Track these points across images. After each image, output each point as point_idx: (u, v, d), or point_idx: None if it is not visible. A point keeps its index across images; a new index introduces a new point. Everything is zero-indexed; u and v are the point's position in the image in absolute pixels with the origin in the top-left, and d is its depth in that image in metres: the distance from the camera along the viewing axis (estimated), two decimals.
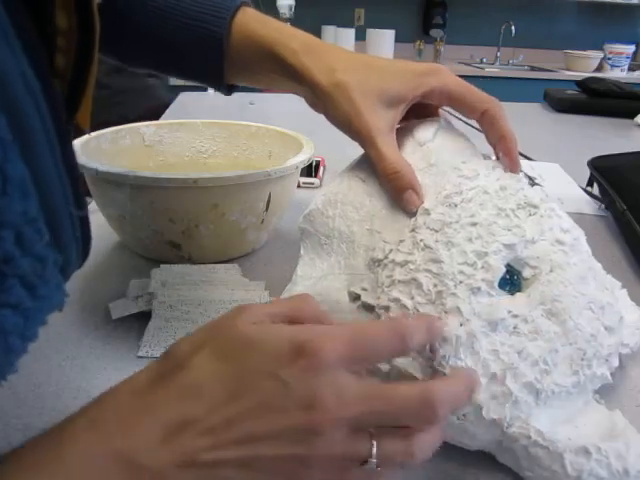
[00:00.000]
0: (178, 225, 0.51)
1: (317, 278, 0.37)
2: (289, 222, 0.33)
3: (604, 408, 0.34)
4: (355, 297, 0.35)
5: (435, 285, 0.32)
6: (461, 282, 0.31)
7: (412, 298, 0.32)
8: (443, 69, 0.37)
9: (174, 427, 0.23)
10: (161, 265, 0.49)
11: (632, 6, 3.34)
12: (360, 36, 2.97)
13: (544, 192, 0.37)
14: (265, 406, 0.23)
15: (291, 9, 2.83)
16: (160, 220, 0.51)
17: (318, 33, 3.09)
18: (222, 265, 0.52)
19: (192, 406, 0.23)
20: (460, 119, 0.44)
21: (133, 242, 0.56)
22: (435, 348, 0.30)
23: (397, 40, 3.00)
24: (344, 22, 3.03)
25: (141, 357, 0.41)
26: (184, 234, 0.52)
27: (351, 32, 2.88)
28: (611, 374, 0.35)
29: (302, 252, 0.40)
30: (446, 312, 0.31)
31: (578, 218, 0.41)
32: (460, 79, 0.37)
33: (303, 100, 0.42)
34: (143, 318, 0.45)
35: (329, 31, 3.03)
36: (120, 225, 0.56)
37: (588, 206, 0.78)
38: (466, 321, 0.31)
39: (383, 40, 2.99)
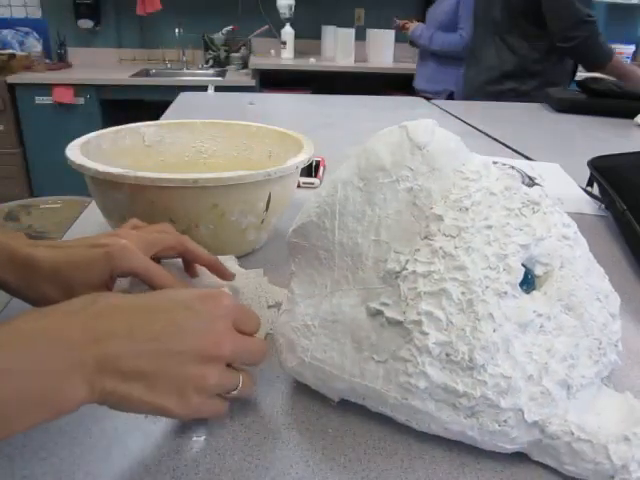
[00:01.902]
0: (178, 225, 0.51)
1: (322, 296, 0.36)
2: (289, 222, 0.33)
3: (614, 391, 0.35)
4: (376, 313, 0.33)
5: (463, 293, 0.31)
6: (487, 287, 0.31)
7: (443, 309, 0.31)
8: (126, 250, 0.40)
9: (104, 334, 0.28)
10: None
11: (632, 6, 3.34)
12: (360, 36, 2.97)
13: (543, 190, 0.37)
14: (181, 327, 0.30)
15: (291, 9, 2.83)
16: (160, 220, 0.51)
17: (318, 33, 3.09)
18: (220, 257, 0.52)
19: (120, 320, 0.29)
20: (458, 118, 0.44)
21: None
22: (474, 358, 0.30)
23: (397, 40, 3.00)
24: (344, 22, 3.03)
25: None
26: (184, 234, 0.52)
27: (351, 32, 2.88)
28: None
29: (294, 268, 0.38)
30: (479, 320, 0.30)
31: (578, 218, 0.41)
32: (143, 259, 0.40)
33: (303, 100, 0.42)
34: None
35: (329, 31, 3.03)
36: (120, 225, 0.56)
37: (588, 206, 0.78)
38: (499, 326, 0.31)
39: (383, 40, 2.99)
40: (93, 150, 0.57)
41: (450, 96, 2.37)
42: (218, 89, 1.65)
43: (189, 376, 0.29)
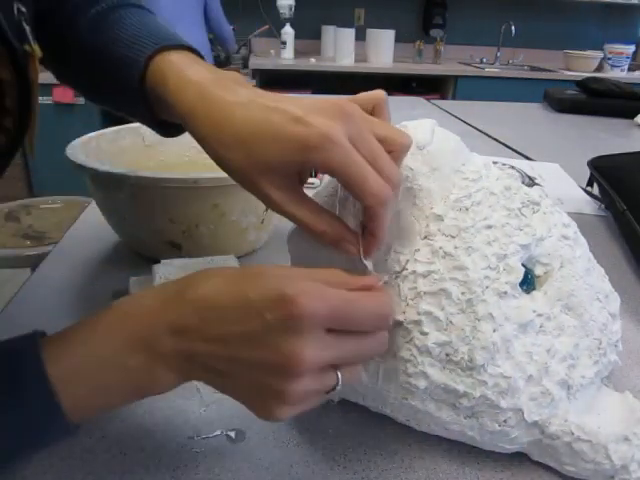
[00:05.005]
0: (178, 225, 0.51)
1: None
2: (289, 222, 0.33)
3: (614, 391, 0.35)
4: None
5: (463, 293, 0.31)
6: (487, 287, 0.31)
7: (443, 309, 0.31)
8: (331, 141, 0.29)
9: (181, 328, 0.28)
10: (162, 261, 0.49)
11: (632, 6, 3.34)
12: (360, 36, 2.96)
13: (543, 191, 0.37)
14: (249, 336, 0.27)
15: (291, 9, 2.83)
16: (160, 220, 0.51)
17: (318, 33, 3.09)
18: (220, 257, 0.52)
19: (194, 317, 0.28)
20: (458, 118, 0.44)
21: (133, 242, 0.56)
22: (474, 358, 0.30)
23: (397, 40, 3.00)
24: (344, 22, 3.02)
25: None
26: (184, 234, 0.52)
27: (351, 32, 2.88)
28: None
29: None
30: (478, 320, 0.30)
31: (578, 218, 0.41)
32: (348, 156, 0.29)
33: None
34: None
35: (329, 31, 3.03)
36: (120, 225, 0.56)
37: (588, 206, 0.78)
38: (499, 327, 0.31)
39: (383, 40, 2.99)
40: (93, 150, 0.57)
41: None
42: None
43: (265, 386, 0.27)
